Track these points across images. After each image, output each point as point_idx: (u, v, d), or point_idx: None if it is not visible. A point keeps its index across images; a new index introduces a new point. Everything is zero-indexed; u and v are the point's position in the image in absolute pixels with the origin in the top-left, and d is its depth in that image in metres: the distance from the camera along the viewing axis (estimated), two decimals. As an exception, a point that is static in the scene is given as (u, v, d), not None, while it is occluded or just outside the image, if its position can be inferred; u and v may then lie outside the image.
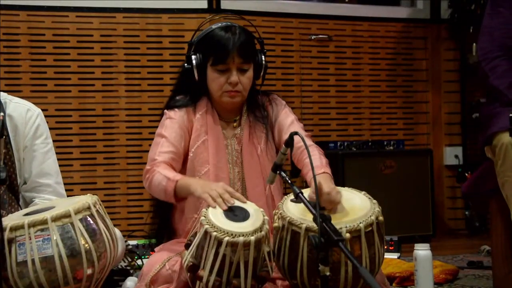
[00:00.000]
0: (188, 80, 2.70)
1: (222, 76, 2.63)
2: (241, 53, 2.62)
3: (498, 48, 2.85)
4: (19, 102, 2.82)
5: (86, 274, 2.26)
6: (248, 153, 2.71)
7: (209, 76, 2.66)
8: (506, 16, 2.86)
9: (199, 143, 2.68)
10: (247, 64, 2.65)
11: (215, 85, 2.65)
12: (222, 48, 2.61)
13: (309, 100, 4.97)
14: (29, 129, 2.78)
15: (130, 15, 4.58)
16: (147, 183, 2.61)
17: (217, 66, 2.63)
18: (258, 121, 2.74)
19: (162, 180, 2.54)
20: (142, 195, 4.40)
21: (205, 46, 2.66)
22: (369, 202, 2.43)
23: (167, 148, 2.63)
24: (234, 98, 2.66)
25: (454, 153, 5.19)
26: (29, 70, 4.39)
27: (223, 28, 2.66)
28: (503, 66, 2.83)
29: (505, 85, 2.80)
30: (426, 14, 5.27)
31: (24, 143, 2.77)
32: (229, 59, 2.61)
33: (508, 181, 2.69)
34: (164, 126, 2.69)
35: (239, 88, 2.64)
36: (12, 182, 2.72)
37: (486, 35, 2.91)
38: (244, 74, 2.65)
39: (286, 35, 4.91)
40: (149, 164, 2.63)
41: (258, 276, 2.29)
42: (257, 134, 2.73)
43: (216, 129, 2.70)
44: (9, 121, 2.74)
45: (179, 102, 2.72)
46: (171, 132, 2.66)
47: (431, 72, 5.26)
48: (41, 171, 2.79)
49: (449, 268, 3.40)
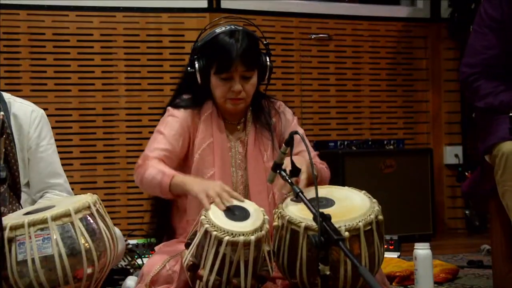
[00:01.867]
0: (191, 82, 2.69)
1: (225, 85, 2.61)
2: (244, 61, 2.59)
3: (478, 71, 2.89)
4: (22, 102, 2.85)
5: (86, 273, 2.26)
6: (253, 158, 2.70)
7: (213, 83, 2.65)
8: (490, 40, 2.88)
9: (204, 146, 2.66)
10: (251, 71, 2.63)
11: (218, 92, 2.64)
12: (225, 57, 2.58)
13: (309, 99, 4.97)
14: (34, 130, 2.80)
15: (130, 14, 4.58)
16: (139, 177, 2.58)
17: (221, 74, 2.61)
18: (264, 127, 2.73)
19: (157, 175, 2.51)
20: (142, 194, 4.39)
21: (208, 52, 2.64)
22: (368, 201, 2.43)
23: (163, 145, 2.62)
24: (237, 105, 2.65)
25: (454, 152, 5.19)
26: (29, 70, 4.40)
27: (227, 34, 2.62)
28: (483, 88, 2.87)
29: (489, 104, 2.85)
30: (426, 13, 5.27)
31: (29, 144, 2.80)
32: (232, 68, 2.58)
33: (509, 191, 2.69)
34: (165, 123, 2.67)
35: (242, 95, 2.62)
36: (15, 180, 2.74)
37: (468, 57, 2.96)
38: (247, 82, 2.63)
39: (286, 34, 4.91)
40: (141, 159, 2.60)
41: (258, 276, 2.29)
42: (263, 141, 2.72)
43: (221, 132, 2.69)
44: (13, 120, 2.77)
45: (184, 102, 2.70)
46: (170, 130, 2.64)
47: (431, 71, 5.27)
48: (50, 172, 2.84)
49: (449, 267, 3.40)
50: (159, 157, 2.59)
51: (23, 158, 2.79)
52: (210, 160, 2.65)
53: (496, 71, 2.87)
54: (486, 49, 2.89)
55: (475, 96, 2.91)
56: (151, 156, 2.59)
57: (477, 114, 3.06)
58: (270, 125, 2.73)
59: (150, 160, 2.57)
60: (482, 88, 2.87)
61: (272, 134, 2.72)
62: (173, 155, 2.63)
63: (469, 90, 2.95)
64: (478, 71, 2.89)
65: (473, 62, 2.92)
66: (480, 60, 2.89)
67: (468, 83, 2.92)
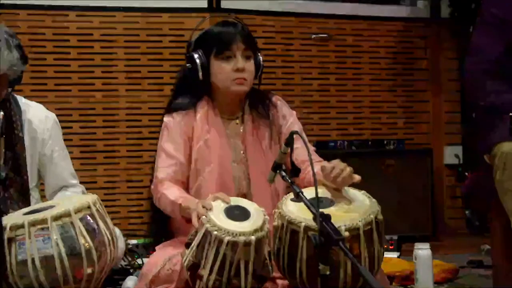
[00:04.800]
0: (188, 82, 2.69)
1: (228, 65, 2.61)
2: (244, 40, 2.61)
3: (483, 69, 2.90)
4: (36, 107, 2.94)
5: (86, 273, 2.26)
6: (253, 150, 2.69)
7: (214, 69, 2.64)
8: (493, 37, 2.88)
9: (201, 143, 2.66)
10: (251, 51, 2.65)
11: (222, 75, 2.62)
12: (225, 36, 2.61)
13: (309, 99, 4.97)
14: (48, 136, 2.90)
15: (130, 14, 4.58)
16: (157, 203, 2.62)
17: (222, 53, 2.61)
18: (261, 117, 2.72)
19: (168, 205, 2.55)
20: (142, 194, 4.40)
21: (206, 41, 2.65)
22: (368, 201, 2.43)
23: (168, 162, 2.62)
24: (242, 85, 2.63)
25: (454, 152, 5.19)
26: (30, 69, 4.38)
27: (220, 24, 2.67)
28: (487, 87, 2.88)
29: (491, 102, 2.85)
30: (426, 13, 5.27)
31: (44, 150, 2.89)
32: (233, 45, 2.60)
33: (508, 191, 2.69)
34: (164, 137, 2.67)
35: (246, 75, 2.63)
36: (24, 183, 2.80)
37: (473, 55, 2.95)
38: (249, 61, 2.64)
39: (286, 34, 4.91)
40: (154, 183, 2.63)
41: (259, 276, 2.29)
42: (261, 130, 2.71)
43: (218, 127, 2.68)
44: (27, 125, 2.85)
45: (178, 105, 2.69)
46: (169, 144, 2.64)
47: (431, 71, 5.26)
48: (68, 173, 2.97)
49: (449, 267, 3.40)
50: (168, 177, 2.60)
51: (32, 162, 2.85)
52: (207, 157, 2.65)
53: (500, 69, 2.88)
54: (490, 47, 2.89)
55: (478, 94, 2.91)
56: (160, 178, 2.60)
57: (478, 113, 3.06)
58: (267, 114, 2.72)
59: (161, 186, 2.58)
60: (486, 87, 2.87)
61: (270, 124, 2.71)
62: (180, 166, 2.62)
63: (472, 88, 2.94)
64: (483, 69, 2.89)
65: (477, 60, 2.92)
66: (484, 58, 2.89)
67: (472, 81, 2.92)
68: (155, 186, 2.62)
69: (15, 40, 2.70)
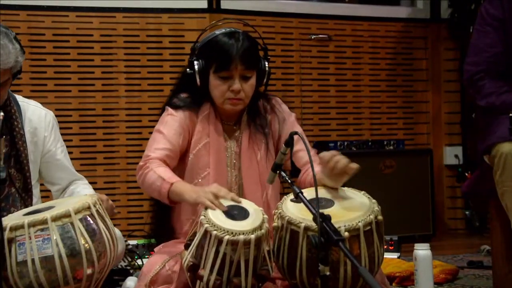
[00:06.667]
0: (190, 84, 2.69)
1: (224, 84, 2.61)
2: (244, 60, 2.59)
3: (483, 70, 2.90)
4: (34, 105, 2.94)
5: (86, 274, 2.26)
6: (247, 158, 2.70)
7: (212, 83, 2.65)
8: (493, 38, 2.89)
9: (200, 146, 2.67)
10: (250, 71, 2.63)
11: (217, 92, 2.63)
12: (225, 55, 2.59)
13: (309, 100, 4.97)
14: (49, 134, 2.91)
15: (130, 14, 4.58)
16: (141, 179, 2.58)
17: (220, 73, 2.61)
18: (258, 130, 2.73)
19: (157, 180, 2.51)
20: (142, 195, 4.40)
21: (208, 52, 2.64)
22: (368, 201, 2.43)
23: (163, 145, 2.62)
24: (236, 105, 2.64)
25: (454, 152, 5.19)
26: (29, 70, 4.39)
27: (226, 34, 2.63)
28: (487, 88, 2.89)
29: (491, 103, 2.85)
30: (426, 13, 5.28)
31: (46, 147, 2.90)
32: (232, 66, 2.58)
33: (508, 191, 2.70)
34: (164, 122, 2.67)
35: (241, 96, 2.62)
36: (26, 181, 2.78)
37: (472, 56, 2.96)
38: (246, 82, 2.63)
39: (286, 34, 4.91)
40: (143, 160, 2.61)
41: (259, 275, 2.29)
42: (257, 141, 2.72)
43: (218, 132, 2.69)
44: (28, 124, 2.85)
45: (182, 102, 2.69)
46: (169, 130, 2.65)
47: (431, 71, 5.27)
48: (73, 167, 3.00)
49: (449, 268, 3.40)
50: (160, 157, 2.59)
51: (34, 160, 2.85)
52: (205, 160, 2.66)
53: (500, 69, 2.88)
54: (490, 47, 2.90)
55: (478, 94, 2.92)
56: (152, 157, 2.59)
57: (477, 114, 3.06)
58: (264, 127, 2.73)
59: (152, 162, 2.57)
60: (486, 87, 2.88)
61: (266, 137, 2.72)
62: (173, 154, 2.63)
63: (472, 89, 2.95)
64: (483, 69, 2.89)
65: (477, 60, 2.92)
66: (484, 58, 2.90)
67: (472, 81, 2.93)
68: (144, 162, 2.59)
69: (12, 32, 2.70)
